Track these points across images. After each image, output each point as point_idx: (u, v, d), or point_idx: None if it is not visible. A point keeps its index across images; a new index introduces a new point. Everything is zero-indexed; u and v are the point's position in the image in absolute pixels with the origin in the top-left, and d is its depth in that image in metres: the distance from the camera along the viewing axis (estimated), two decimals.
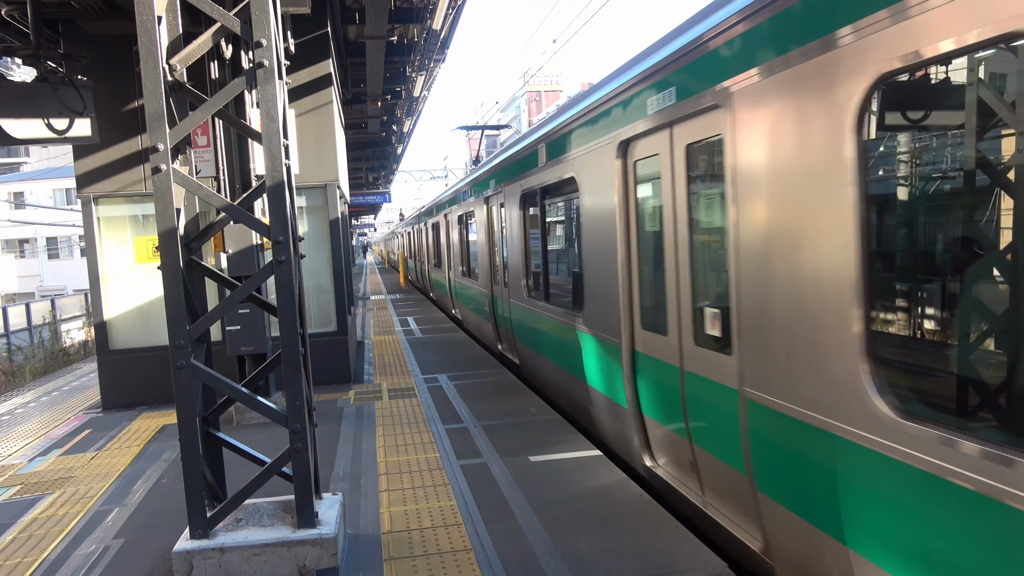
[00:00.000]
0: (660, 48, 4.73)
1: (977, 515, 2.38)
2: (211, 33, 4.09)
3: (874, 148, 2.97)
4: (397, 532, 4.67)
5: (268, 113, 3.98)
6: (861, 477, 2.95)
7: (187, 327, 3.93)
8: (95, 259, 8.88)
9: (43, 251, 49.13)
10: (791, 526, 3.54)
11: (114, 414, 8.65)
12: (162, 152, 3.86)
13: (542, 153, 7.52)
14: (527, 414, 7.46)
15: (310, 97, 9.20)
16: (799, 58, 3.15)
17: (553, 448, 6.24)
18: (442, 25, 11.01)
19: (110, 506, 5.51)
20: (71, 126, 7.26)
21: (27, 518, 5.35)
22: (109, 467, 6.52)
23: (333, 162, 9.40)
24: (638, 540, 4.36)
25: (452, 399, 8.36)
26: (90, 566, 4.47)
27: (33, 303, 24.09)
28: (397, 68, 14.29)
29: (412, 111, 19.04)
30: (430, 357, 11.44)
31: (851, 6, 2.82)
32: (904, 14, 2.54)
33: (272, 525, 4.19)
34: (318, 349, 8.99)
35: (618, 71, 5.57)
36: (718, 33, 3.83)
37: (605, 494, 5.12)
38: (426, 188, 62.95)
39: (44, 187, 48.46)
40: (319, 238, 9.50)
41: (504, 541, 4.46)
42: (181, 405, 3.95)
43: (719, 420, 4.19)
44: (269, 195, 4.04)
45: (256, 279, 4.14)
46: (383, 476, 5.77)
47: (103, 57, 8.57)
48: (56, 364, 17.60)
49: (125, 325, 9.04)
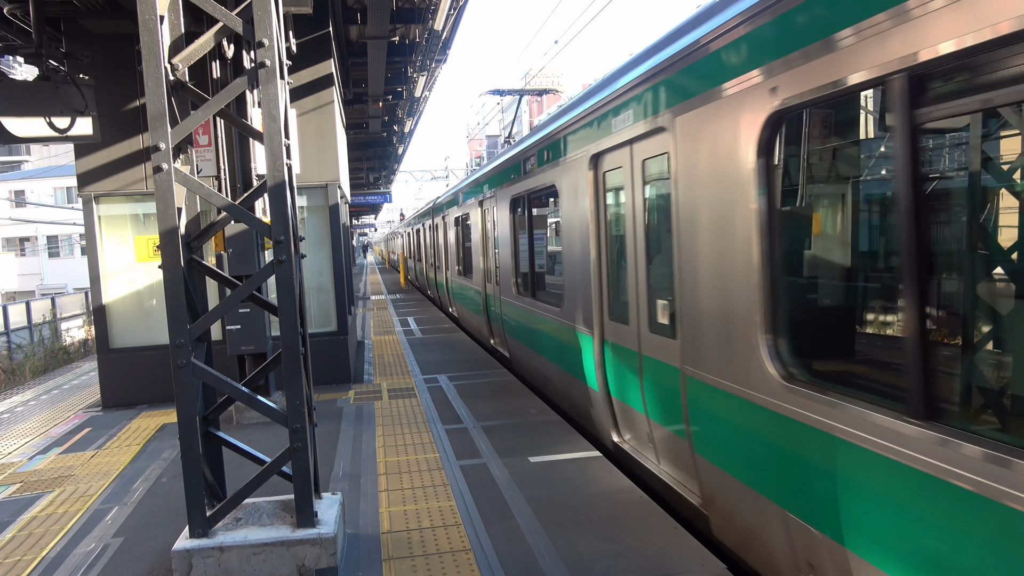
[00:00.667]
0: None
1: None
2: (213, 33, 4.10)
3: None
4: (396, 532, 4.67)
5: (270, 113, 3.98)
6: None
7: (188, 326, 3.94)
8: (96, 258, 8.89)
9: (43, 249, 49.13)
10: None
11: (114, 413, 8.66)
12: (164, 151, 3.86)
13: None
14: (527, 415, 7.46)
15: (311, 97, 9.21)
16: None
17: (552, 449, 6.24)
18: (444, 25, 11.01)
19: (110, 505, 5.51)
20: (72, 125, 7.27)
21: (26, 516, 5.36)
22: (109, 466, 6.52)
23: (334, 162, 9.41)
24: (637, 541, 4.37)
25: (452, 399, 8.36)
26: (89, 564, 4.48)
27: (33, 301, 24.10)
28: (398, 68, 14.29)
29: (413, 111, 19.04)
30: (430, 357, 11.44)
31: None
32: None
33: (271, 524, 4.19)
34: (318, 349, 8.99)
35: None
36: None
37: (604, 495, 5.12)
38: (427, 188, 62.96)
39: (45, 185, 48.46)
40: (320, 238, 9.51)
41: (503, 541, 4.46)
42: (181, 404, 3.95)
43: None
44: (270, 195, 4.04)
45: (257, 278, 4.15)
46: (383, 476, 5.77)
47: (105, 56, 8.58)
48: (56, 362, 17.61)
49: (125, 324, 9.04)
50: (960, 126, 2.77)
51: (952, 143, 2.86)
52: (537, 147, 7.80)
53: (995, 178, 2.71)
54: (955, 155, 2.86)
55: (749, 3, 3.59)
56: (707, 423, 4.26)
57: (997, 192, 2.73)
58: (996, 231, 2.74)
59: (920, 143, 2.70)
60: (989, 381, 2.75)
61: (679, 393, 4.56)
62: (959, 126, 2.77)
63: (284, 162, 4.05)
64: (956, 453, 2.48)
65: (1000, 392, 2.73)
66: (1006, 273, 2.76)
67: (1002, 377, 2.72)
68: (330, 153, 9.37)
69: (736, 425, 3.90)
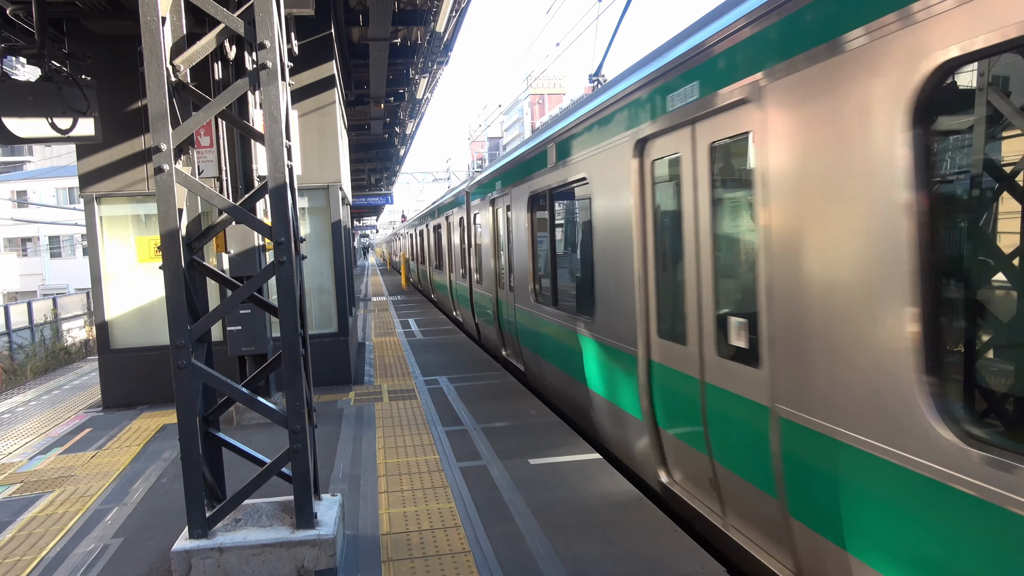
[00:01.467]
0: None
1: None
2: (215, 34, 4.11)
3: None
4: (396, 534, 4.67)
5: (271, 114, 3.99)
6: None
7: (188, 327, 3.94)
8: (97, 258, 8.90)
9: (45, 250, 49.20)
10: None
11: (114, 413, 8.66)
12: (165, 152, 3.87)
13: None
14: (527, 417, 7.46)
15: (313, 98, 9.22)
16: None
17: (553, 451, 6.24)
18: (446, 27, 11.03)
19: (109, 505, 5.51)
20: (75, 125, 7.28)
21: (26, 516, 5.36)
22: (109, 466, 6.53)
23: (335, 163, 9.42)
24: (637, 543, 4.36)
25: (452, 401, 8.36)
26: (89, 565, 4.48)
27: (35, 302, 24.13)
28: (400, 70, 14.31)
29: (415, 113, 19.06)
30: (431, 359, 11.44)
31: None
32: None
33: (271, 525, 4.19)
34: (319, 350, 8.99)
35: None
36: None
37: (604, 497, 5.12)
38: (428, 190, 62.99)
39: (47, 186, 48.55)
40: (321, 239, 9.52)
41: (503, 544, 4.46)
42: (181, 405, 3.95)
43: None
44: (271, 196, 4.04)
45: (258, 279, 4.15)
46: (382, 478, 5.77)
47: (107, 57, 8.59)
48: (57, 363, 17.63)
49: (126, 324, 9.05)
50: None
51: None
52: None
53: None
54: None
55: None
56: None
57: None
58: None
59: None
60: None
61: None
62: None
63: (285, 163, 4.05)
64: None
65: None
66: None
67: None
68: (331, 154, 9.38)
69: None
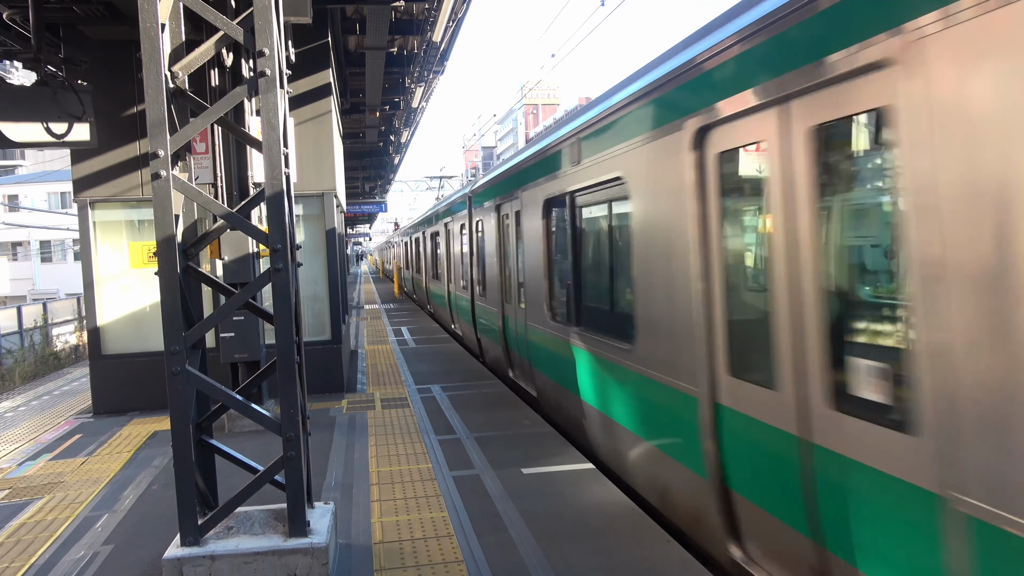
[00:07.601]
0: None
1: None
2: (214, 41, 4.12)
3: None
4: (388, 543, 4.65)
5: (269, 122, 4.00)
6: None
7: (183, 333, 3.93)
8: (90, 263, 8.86)
9: (36, 254, 48.96)
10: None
11: (105, 419, 8.60)
12: (162, 158, 3.87)
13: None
14: (520, 426, 7.46)
15: (309, 106, 9.23)
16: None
17: (546, 461, 6.24)
18: (442, 37, 11.09)
19: (100, 512, 5.47)
20: (70, 130, 7.28)
21: (15, 523, 5.31)
22: (99, 472, 6.48)
23: (331, 171, 9.43)
24: (630, 554, 4.36)
25: (445, 410, 8.35)
26: (79, 572, 4.44)
27: (25, 306, 23.94)
28: (396, 79, 14.37)
29: (410, 122, 19.12)
30: (423, 368, 11.43)
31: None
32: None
33: (263, 533, 4.17)
34: (312, 357, 8.96)
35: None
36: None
37: (597, 507, 5.12)
38: (422, 198, 63.05)
39: (39, 190, 48.38)
40: (315, 247, 9.51)
41: (496, 553, 4.45)
42: (175, 411, 3.94)
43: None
44: (268, 203, 4.05)
45: (254, 286, 4.15)
46: (375, 486, 5.76)
47: (103, 62, 8.59)
48: (46, 368, 17.49)
49: (118, 330, 9.01)
50: None
51: None
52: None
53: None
54: None
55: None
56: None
57: None
58: None
59: None
60: None
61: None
62: None
63: (283, 171, 4.06)
64: None
65: None
66: None
67: None
68: (327, 162, 9.39)
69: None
